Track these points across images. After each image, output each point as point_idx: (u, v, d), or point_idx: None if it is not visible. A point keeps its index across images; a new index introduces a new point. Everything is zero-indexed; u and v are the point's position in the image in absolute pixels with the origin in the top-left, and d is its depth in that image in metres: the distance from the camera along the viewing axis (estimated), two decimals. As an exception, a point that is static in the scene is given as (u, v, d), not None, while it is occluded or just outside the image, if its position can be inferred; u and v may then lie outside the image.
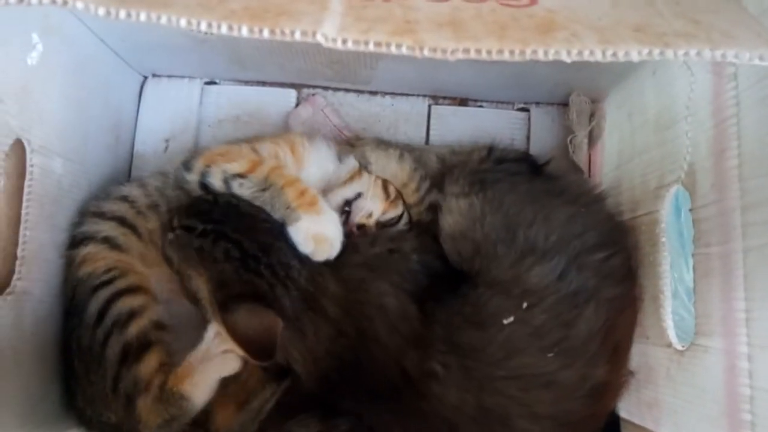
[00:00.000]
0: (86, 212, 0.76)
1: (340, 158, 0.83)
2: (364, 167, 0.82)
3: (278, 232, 0.69)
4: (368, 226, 0.79)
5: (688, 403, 0.60)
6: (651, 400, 0.67)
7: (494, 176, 0.77)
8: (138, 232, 0.76)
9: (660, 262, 0.67)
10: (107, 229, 0.75)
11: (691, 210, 0.60)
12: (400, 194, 0.82)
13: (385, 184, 0.81)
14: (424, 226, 0.81)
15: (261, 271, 0.67)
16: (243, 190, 0.71)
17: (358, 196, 0.79)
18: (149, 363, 0.69)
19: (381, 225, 0.80)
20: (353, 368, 0.66)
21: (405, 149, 0.86)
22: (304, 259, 0.69)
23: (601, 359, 0.66)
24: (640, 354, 0.70)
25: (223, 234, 0.68)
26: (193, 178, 0.75)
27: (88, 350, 0.69)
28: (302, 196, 0.70)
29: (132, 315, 0.70)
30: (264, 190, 0.70)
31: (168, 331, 0.73)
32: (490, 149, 0.84)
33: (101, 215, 0.76)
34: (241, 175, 0.71)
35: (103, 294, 0.70)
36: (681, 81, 0.63)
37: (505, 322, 0.65)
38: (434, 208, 0.80)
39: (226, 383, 0.69)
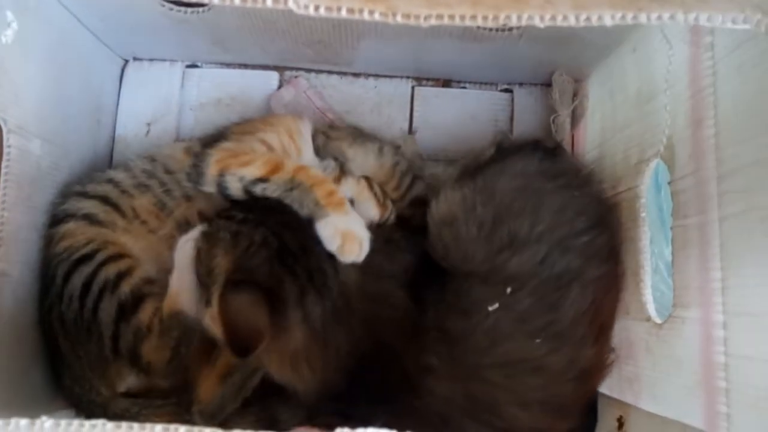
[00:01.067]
0: (68, 193, 0.76)
1: (317, 154, 0.81)
2: (341, 164, 0.79)
3: (318, 237, 0.66)
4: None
5: (666, 374, 0.60)
6: (631, 375, 0.67)
7: (483, 160, 0.76)
8: (121, 210, 0.75)
9: (640, 238, 0.67)
10: (89, 206, 0.74)
11: (669, 183, 0.61)
12: (383, 190, 0.80)
13: (371, 183, 0.79)
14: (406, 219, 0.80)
15: (296, 270, 0.63)
16: (267, 192, 0.68)
17: (350, 202, 0.77)
18: (146, 310, 0.69)
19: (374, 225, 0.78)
20: (356, 380, 0.64)
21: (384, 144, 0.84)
22: (339, 271, 0.65)
23: (588, 341, 0.66)
24: (621, 329, 0.70)
25: (263, 223, 0.65)
26: (210, 189, 0.72)
27: (74, 324, 0.69)
28: (331, 196, 0.67)
29: (121, 276, 0.70)
30: (291, 189, 0.68)
31: (158, 285, 0.72)
32: (499, 144, 0.81)
33: (84, 194, 0.76)
34: (262, 179, 0.69)
35: (86, 269, 0.70)
36: (660, 55, 0.64)
37: (490, 308, 0.64)
38: (418, 203, 0.79)
39: (209, 352, 0.67)
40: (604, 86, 0.81)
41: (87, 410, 0.70)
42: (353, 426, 0.35)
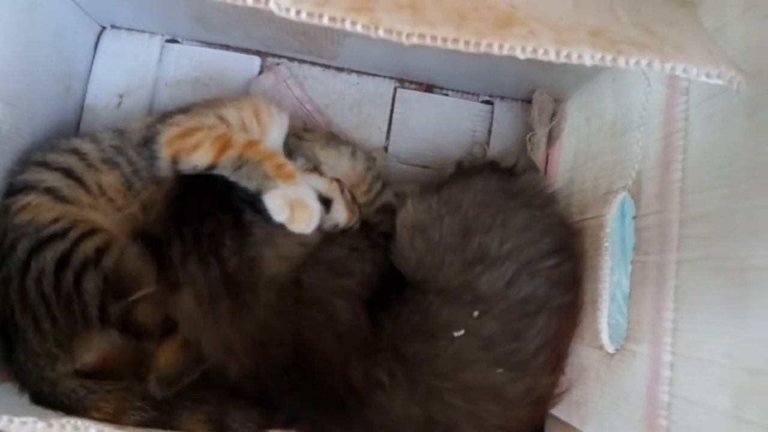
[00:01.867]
0: (28, 161, 0.73)
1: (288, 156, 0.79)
2: (314, 166, 0.78)
3: (233, 207, 0.66)
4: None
5: (613, 404, 0.61)
6: (580, 399, 0.68)
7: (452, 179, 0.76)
8: (86, 185, 0.73)
9: (601, 266, 0.67)
10: (51, 179, 0.71)
11: (634, 218, 0.61)
12: (352, 194, 0.79)
13: (342, 186, 0.77)
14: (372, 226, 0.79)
15: (183, 233, 0.65)
16: (220, 173, 0.67)
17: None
18: None
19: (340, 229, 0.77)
20: (289, 376, 0.64)
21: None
22: (246, 245, 0.65)
23: (547, 370, 0.66)
24: (574, 354, 0.71)
25: (183, 183, 0.67)
26: (165, 166, 0.70)
27: (41, 297, 0.67)
28: (281, 168, 0.66)
29: (101, 251, 0.69)
30: (240, 167, 0.66)
31: None
32: (459, 164, 0.82)
33: (45, 165, 0.73)
34: (212, 165, 0.67)
35: (61, 245, 0.68)
36: (638, 90, 0.64)
37: (456, 334, 0.63)
38: (385, 210, 0.78)
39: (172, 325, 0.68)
40: (582, 111, 0.81)
41: (35, 386, 0.68)
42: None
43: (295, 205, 0.65)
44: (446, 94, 0.96)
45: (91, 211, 0.72)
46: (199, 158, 0.68)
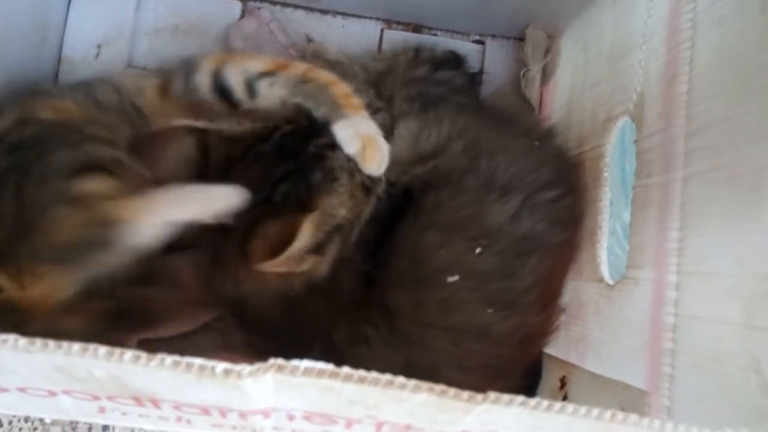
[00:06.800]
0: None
1: None
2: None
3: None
4: None
5: (613, 336, 0.59)
6: (578, 336, 0.67)
7: (435, 91, 0.73)
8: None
9: (601, 198, 0.65)
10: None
11: (636, 141, 0.59)
12: None
13: None
14: None
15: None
16: (274, 90, 0.62)
17: None
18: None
19: None
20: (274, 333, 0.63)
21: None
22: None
23: (536, 308, 0.65)
24: (572, 290, 0.69)
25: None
26: (203, 80, 0.64)
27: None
28: (348, 98, 0.61)
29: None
30: (304, 83, 0.61)
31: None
32: (418, 50, 0.80)
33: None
34: (269, 73, 0.62)
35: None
36: (639, 9, 0.61)
37: (450, 280, 0.61)
38: None
39: None
40: (579, 42, 0.78)
41: None
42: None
43: (367, 141, 0.60)
44: (435, 35, 0.93)
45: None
46: (254, 66, 0.62)
